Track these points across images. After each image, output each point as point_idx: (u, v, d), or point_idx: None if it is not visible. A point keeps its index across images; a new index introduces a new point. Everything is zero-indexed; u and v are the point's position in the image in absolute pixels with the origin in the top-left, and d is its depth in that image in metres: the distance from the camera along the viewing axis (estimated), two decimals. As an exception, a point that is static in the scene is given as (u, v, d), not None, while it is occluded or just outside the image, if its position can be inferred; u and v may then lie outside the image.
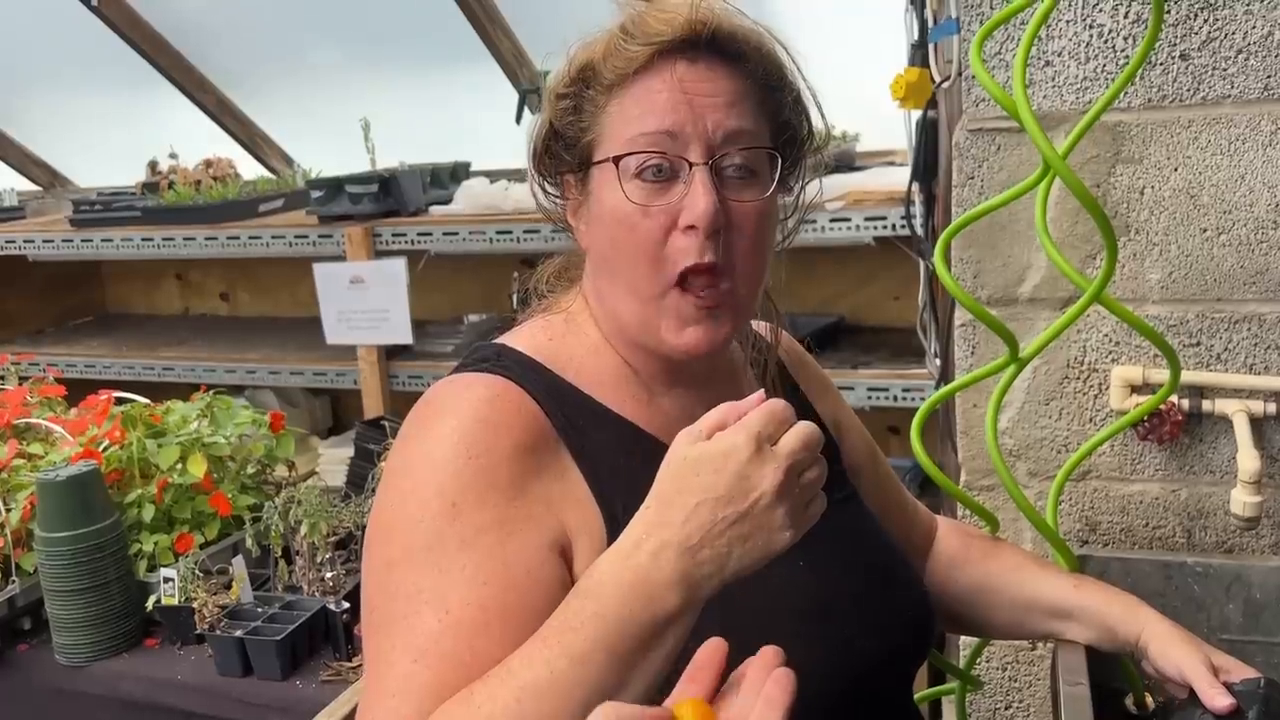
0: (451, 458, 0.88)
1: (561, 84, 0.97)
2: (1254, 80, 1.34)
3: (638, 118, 0.93)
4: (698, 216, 0.91)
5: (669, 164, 0.92)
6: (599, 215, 0.96)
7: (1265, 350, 1.40)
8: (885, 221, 2.43)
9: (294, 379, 3.18)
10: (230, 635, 1.64)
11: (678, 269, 0.92)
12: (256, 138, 3.70)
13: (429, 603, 0.83)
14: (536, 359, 0.98)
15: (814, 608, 0.98)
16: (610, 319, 1.00)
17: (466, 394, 0.93)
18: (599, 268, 0.99)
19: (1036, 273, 1.47)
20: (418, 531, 0.86)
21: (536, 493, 0.90)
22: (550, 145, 0.99)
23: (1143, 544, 1.51)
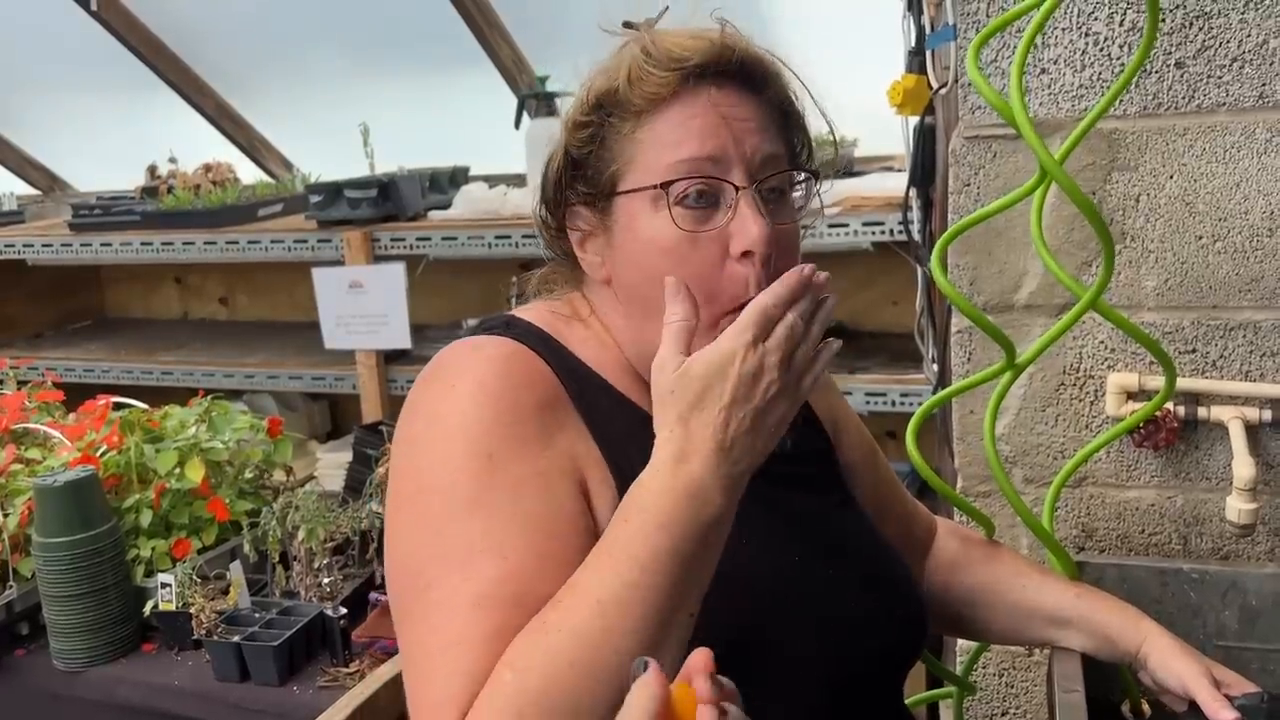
0: (479, 414, 0.89)
1: (580, 112, 0.96)
2: (1249, 88, 1.35)
3: (675, 144, 0.92)
4: (754, 241, 0.90)
5: (712, 189, 0.92)
6: (630, 246, 0.94)
7: (1261, 357, 1.40)
8: (883, 227, 2.44)
9: (293, 383, 3.19)
10: (228, 641, 1.64)
11: (737, 301, 0.91)
12: (256, 142, 3.71)
13: (484, 551, 0.84)
14: (545, 330, 0.99)
15: (809, 606, 0.99)
16: (638, 344, 0.98)
17: (479, 352, 0.94)
18: (631, 299, 0.97)
19: (1032, 279, 1.47)
20: (458, 488, 0.86)
21: (561, 447, 0.91)
22: (567, 176, 0.97)
23: (1139, 550, 1.52)
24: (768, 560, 0.98)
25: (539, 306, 1.04)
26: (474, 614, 0.82)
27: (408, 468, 0.92)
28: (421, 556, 0.86)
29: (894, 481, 1.25)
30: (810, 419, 1.15)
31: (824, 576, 1.01)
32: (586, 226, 0.98)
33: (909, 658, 1.10)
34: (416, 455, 0.91)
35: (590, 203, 0.97)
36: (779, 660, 0.94)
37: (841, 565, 1.04)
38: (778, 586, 0.97)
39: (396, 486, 0.92)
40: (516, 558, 0.83)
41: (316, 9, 3.21)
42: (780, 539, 1.01)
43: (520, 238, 2.78)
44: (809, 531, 1.04)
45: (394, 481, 0.93)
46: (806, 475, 1.09)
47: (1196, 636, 1.40)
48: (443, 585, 0.84)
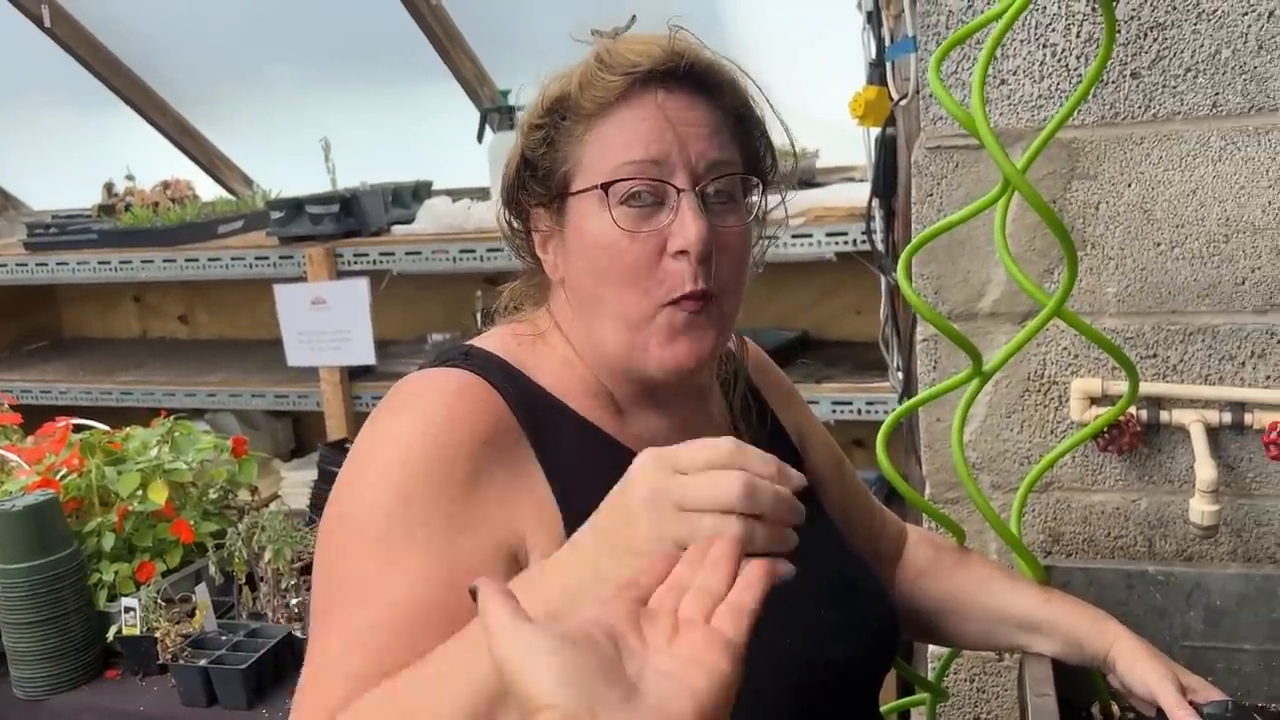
0: (410, 450, 0.89)
1: (535, 115, 0.98)
2: (1202, 97, 1.37)
3: (622, 146, 0.94)
4: (689, 242, 0.92)
5: (655, 191, 0.93)
6: (578, 245, 0.96)
7: (1220, 361, 1.43)
8: (846, 237, 2.46)
9: (255, 401, 3.15)
10: (194, 665, 1.62)
11: (671, 295, 0.94)
12: (215, 159, 3.67)
13: (370, 594, 0.84)
14: (504, 358, 0.99)
15: (782, 619, 0.99)
16: (591, 347, 1.00)
17: (431, 386, 0.94)
18: (580, 298, 0.99)
19: (996, 287, 1.49)
20: (369, 521, 0.87)
21: (493, 488, 0.90)
22: (523, 178, 1.00)
23: (1105, 553, 1.53)
24: None
25: (501, 331, 1.04)
26: (343, 654, 0.82)
27: (342, 487, 0.93)
28: (327, 581, 0.88)
29: (862, 490, 1.26)
30: (778, 432, 1.15)
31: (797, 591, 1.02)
32: (545, 228, 1.00)
33: (882, 667, 1.10)
34: (348, 486, 0.92)
35: (546, 204, 0.99)
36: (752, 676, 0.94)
37: (815, 579, 1.04)
38: None
39: (331, 499, 0.94)
40: (401, 607, 0.83)
41: (275, 25, 3.18)
42: None
43: (485, 251, 2.77)
44: None
45: (333, 493, 0.94)
46: None
47: (1163, 638, 1.42)
48: (331, 616, 0.86)
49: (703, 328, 0.96)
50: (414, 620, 0.82)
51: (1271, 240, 1.38)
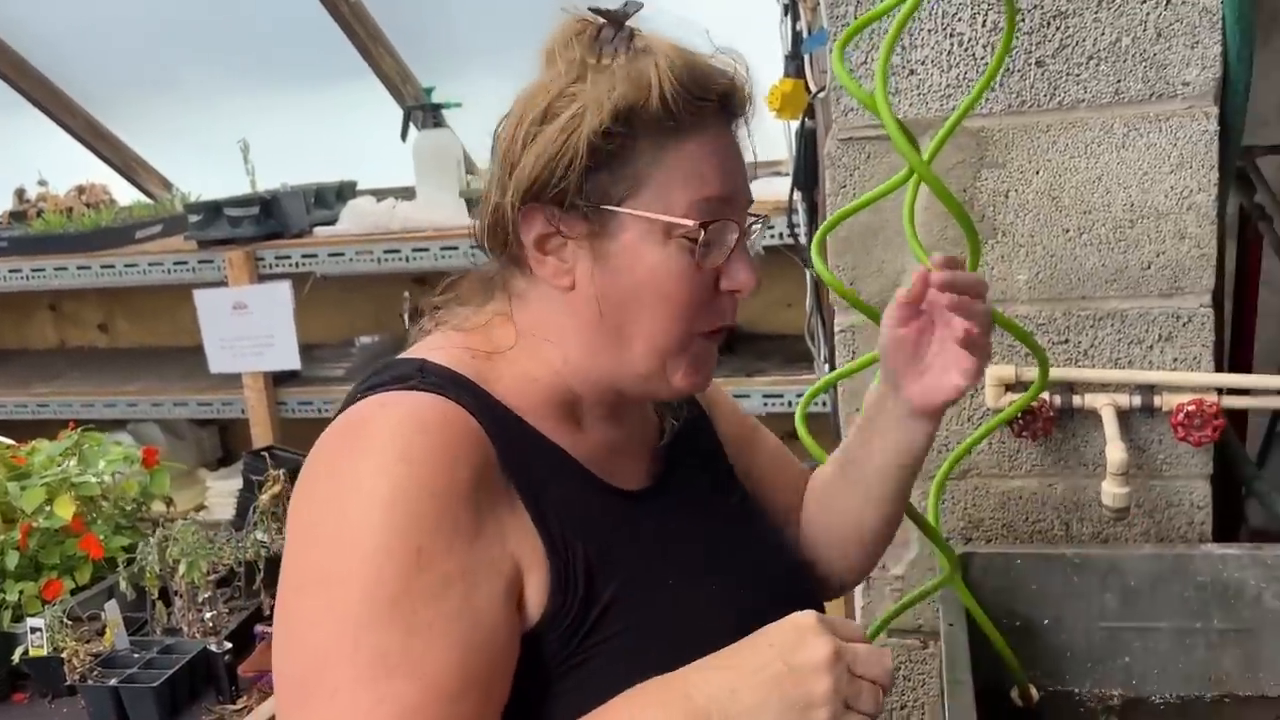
0: (411, 496, 0.79)
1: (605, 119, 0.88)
2: (1105, 85, 1.39)
3: (699, 178, 0.90)
4: (745, 286, 0.93)
5: (722, 228, 0.91)
6: (627, 265, 0.90)
7: (1129, 345, 1.45)
8: (772, 231, 2.46)
9: (177, 410, 3.08)
10: (103, 685, 1.56)
11: (713, 326, 0.94)
12: (132, 162, 3.57)
13: (401, 667, 0.76)
14: (464, 375, 0.91)
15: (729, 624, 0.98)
16: (594, 364, 0.94)
17: (409, 418, 0.84)
18: (610, 315, 0.92)
19: (910, 277, 1.49)
20: (382, 583, 0.77)
21: (493, 528, 0.84)
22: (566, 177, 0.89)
23: (1024, 538, 1.55)
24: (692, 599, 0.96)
25: (451, 343, 0.95)
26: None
27: (315, 548, 0.81)
28: (330, 655, 0.77)
29: (780, 449, 1.24)
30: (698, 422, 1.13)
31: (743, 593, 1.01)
32: (558, 228, 0.91)
33: None
34: (331, 534, 0.80)
35: (576, 209, 0.90)
36: None
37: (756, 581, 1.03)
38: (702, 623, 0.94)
39: (297, 566, 0.82)
40: (434, 678, 0.76)
41: (188, 25, 3.11)
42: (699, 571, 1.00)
43: (410, 251, 2.73)
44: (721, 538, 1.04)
45: (299, 557, 0.83)
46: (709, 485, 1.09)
47: (1080, 619, 1.44)
48: (351, 697, 0.76)
49: (715, 353, 0.98)
50: (451, 692, 0.77)
51: (1175, 224, 1.40)
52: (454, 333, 0.98)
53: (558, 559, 0.86)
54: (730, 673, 0.78)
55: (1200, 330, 1.42)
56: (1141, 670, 1.43)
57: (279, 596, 0.84)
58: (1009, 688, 1.39)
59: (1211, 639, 1.41)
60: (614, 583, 0.88)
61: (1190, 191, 1.38)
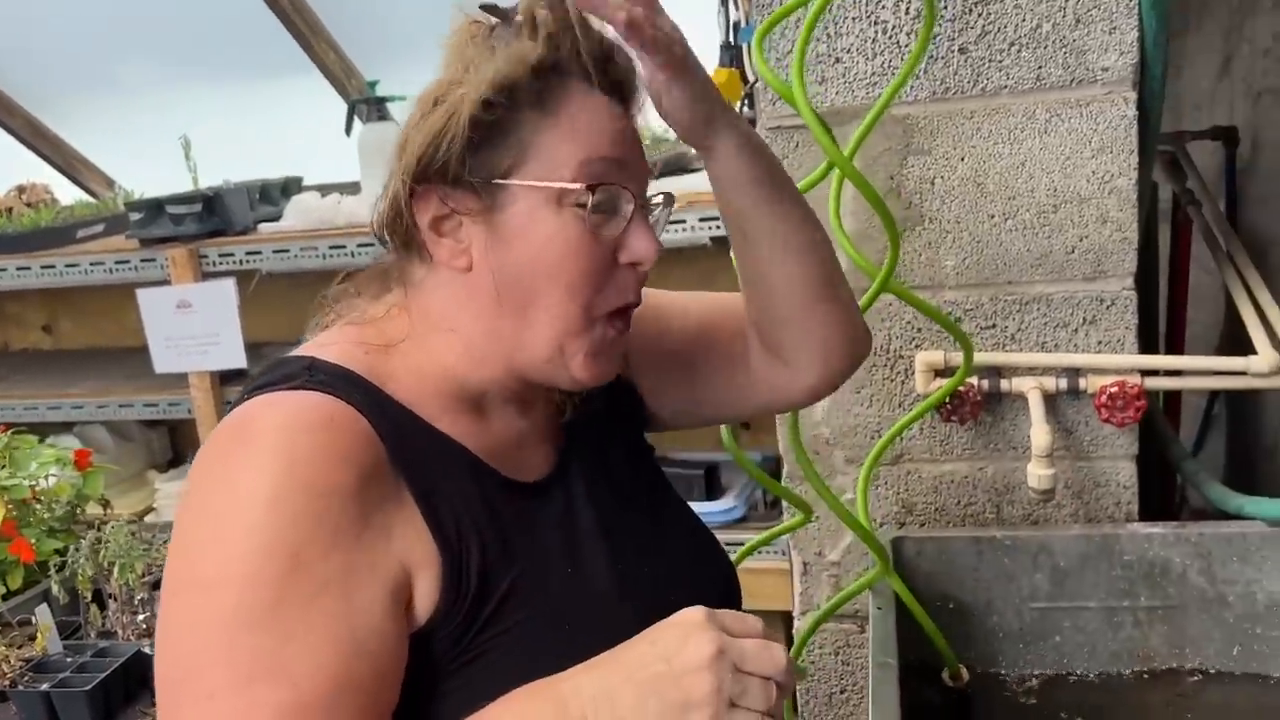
0: (289, 497, 0.78)
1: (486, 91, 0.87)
2: (1027, 71, 1.40)
3: (586, 140, 0.88)
4: (644, 256, 0.90)
5: (613, 196, 0.89)
6: (520, 237, 0.88)
7: (1054, 329, 1.46)
8: (718, 221, 2.47)
9: (124, 412, 3.02)
10: (35, 690, 1.54)
11: (616, 304, 0.90)
12: (74, 161, 3.52)
13: (274, 673, 0.74)
14: (355, 371, 0.89)
15: (638, 603, 0.98)
16: (492, 343, 0.92)
17: (293, 418, 0.82)
18: (507, 291, 0.90)
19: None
20: (257, 587, 0.76)
21: (378, 529, 0.82)
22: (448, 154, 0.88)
23: (956, 521, 1.56)
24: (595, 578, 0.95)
25: (344, 338, 0.94)
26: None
27: (195, 550, 0.79)
28: (204, 659, 0.76)
29: (703, 300, 1.23)
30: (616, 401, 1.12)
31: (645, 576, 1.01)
32: (451, 207, 0.90)
33: None
34: (206, 538, 0.79)
35: (467, 186, 0.89)
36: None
37: (666, 548, 1.04)
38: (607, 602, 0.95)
39: (178, 568, 0.80)
40: (308, 686, 0.75)
41: (126, 22, 3.06)
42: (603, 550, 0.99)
43: (356, 246, 2.70)
44: (631, 520, 1.03)
45: (177, 561, 0.80)
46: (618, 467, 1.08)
47: (1012, 600, 1.46)
48: (224, 704, 0.74)
49: (621, 344, 0.95)
50: (325, 698, 0.75)
51: (1097, 209, 1.41)
52: (349, 327, 0.96)
53: (450, 556, 0.84)
54: (610, 675, 0.77)
55: (1123, 313, 1.44)
56: (1071, 649, 1.45)
57: (160, 601, 0.82)
58: (940, 669, 1.41)
59: (1139, 616, 1.43)
60: (509, 576, 0.87)
61: (1111, 176, 1.40)
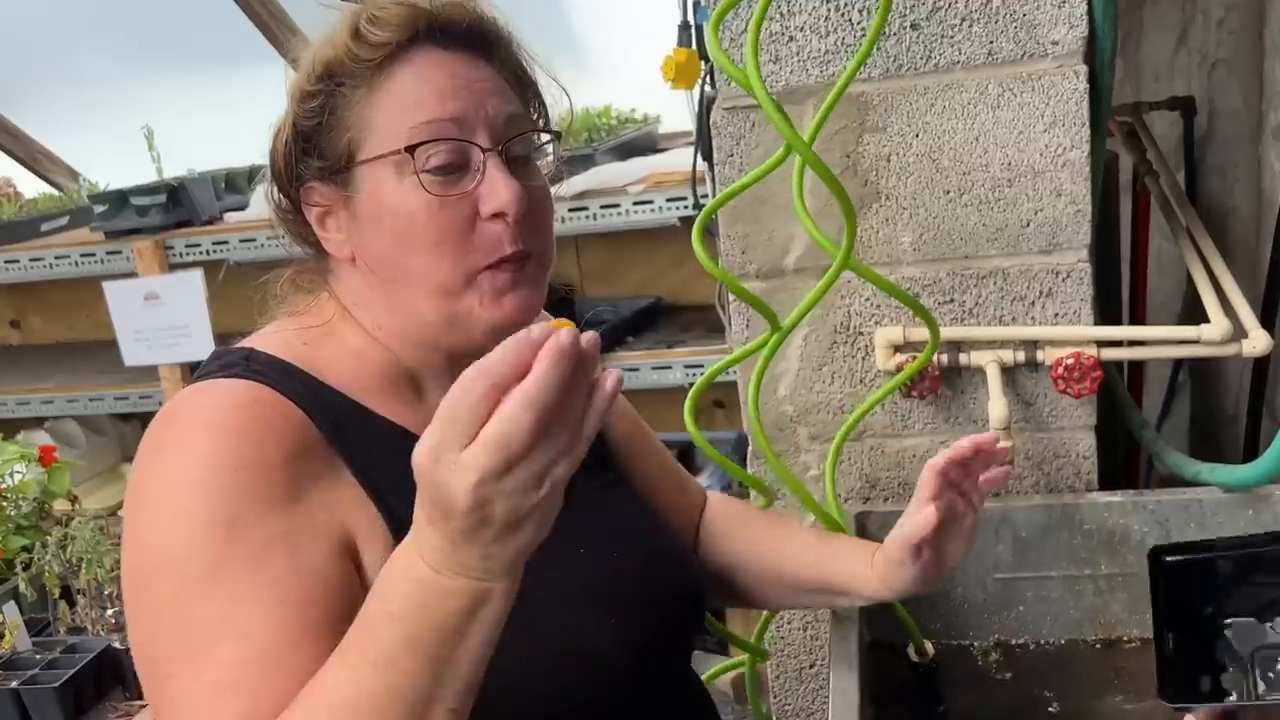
0: (215, 473, 0.81)
1: (308, 83, 0.93)
2: (978, 46, 1.41)
3: (415, 105, 0.89)
4: (506, 203, 0.89)
5: (458, 152, 0.90)
6: (375, 215, 0.91)
7: (1011, 302, 1.47)
8: (686, 201, 2.48)
9: (94, 406, 3.03)
10: (4, 688, 1.54)
11: (490, 259, 0.90)
12: (37, 153, 3.49)
13: (225, 633, 0.77)
14: (291, 361, 0.93)
15: (599, 592, 0.99)
16: (399, 323, 0.95)
17: (220, 401, 0.86)
18: (381, 272, 0.93)
19: (800, 244, 1.50)
20: (193, 561, 0.79)
21: (315, 499, 0.85)
22: (296, 151, 0.94)
23: (920, 496, 1.57)
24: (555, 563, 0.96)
25: (282, 330, 0.97)
26: (214, 704, 0.75)
27: (139, 539, 0.83)
28: (159, 642, 0.79)
29: (663, 452, 1.26)
30: None
31: (607, 565, 1.02)
32: (325, 202, 0.94)
33: (694, 628, 1.11)
34: (147, 526, 0.83)
35: (326, 177, 0.93)
36: (572, 657, 0.94)
37: (622, 550, 1.04)
38: (567, 588, 0.96)
39: (129, 560, 0.84)
40: (260, 638, 0.77)
41: (88, 10, 3.03)
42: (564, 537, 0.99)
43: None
44: (590, 522, 1.04)
45: (126, 554, 0.84)
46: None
47: (975, 572, 1.47)
48: (182, 675, 0.77)
49: (527, 284, 0.93)
50: (282, 646, 0.77)
51: (1051, 182, 1.42)
52: (288, 319, 0.99)
53: (399, 530, 0.85)
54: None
55: (1079, 285, 1.45)
56: (1035, 618, 1.47)
57: (124, 604, 0.86)
58: (905, 645, 1.42)
59: (1100, 584, 1.45)
60: None
61: (1064, 149, 1.41)
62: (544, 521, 0.70)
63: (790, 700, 1.68)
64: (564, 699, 0.93)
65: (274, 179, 0.98)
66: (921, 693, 1.42)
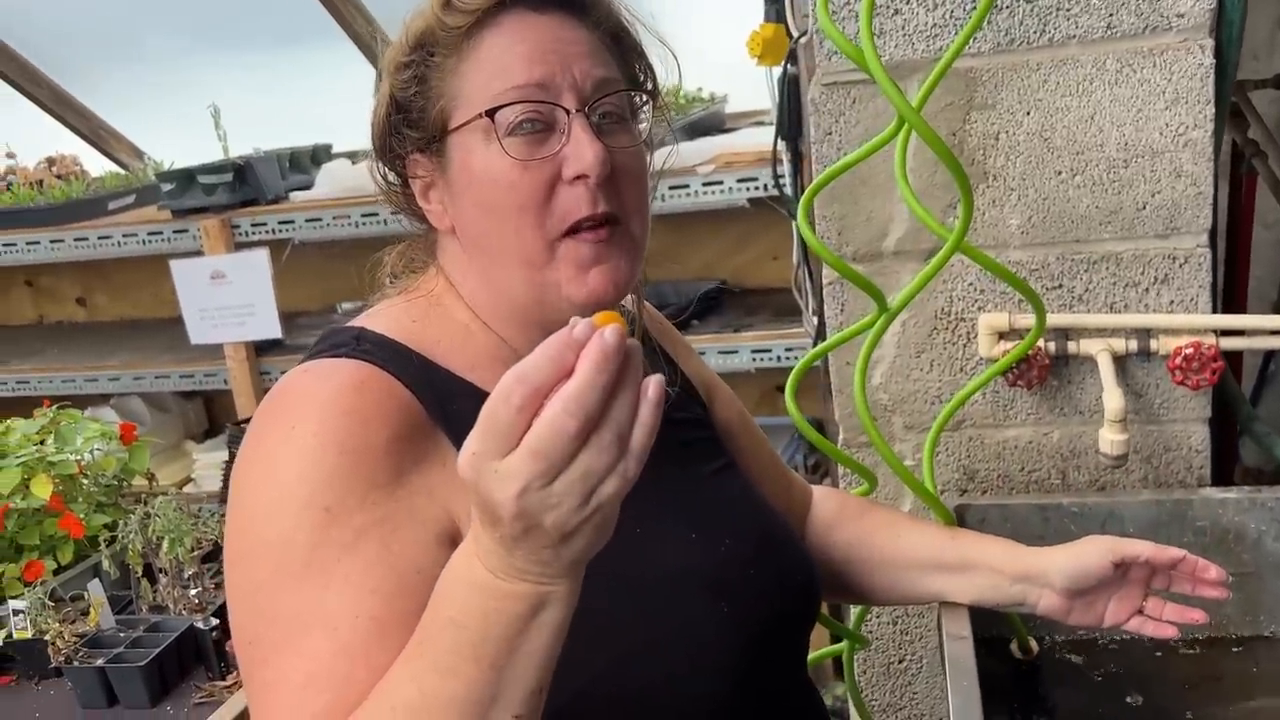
0: (320, 457, 0.80)
1: (401, 54, 0.91)
2: (1097, 19, 1.34)
3: (500, 72, 0.87)
4: (587, 165, 0.86)
5: (543, 115, 0.87)
6: (466, 184, 0.89)
7: (1124, 288, 1.41)
8: (757, 182, 2.43)
9: (160, 383, 3.03)
10: (90, 665, 1.54)
11: (568, 221, 0.87)
12: (102, 131, 3.50)
13: (315, 623, 0.77)
14: (400, 341, 0.91)
15: (709, 577, 0.96)
16: (494, 297, 0.93)
17: (326, 384, 0.85)
18: (474, 242, 0.91)
19: (900, 225, 1.45)
20: (293, 546, 0.79)
21: (417, 484, 0.83)
22: (395, 124, 0.92)
23: (1019, 488, 1.53)
24: (660, 540, 0.94)
25: (392, 308, 0.96)
26: (303, 694, 0.75)
27: (241, 521, 0.83)
28: (255, 626, 0.80)
29: (768, 446, 1.22)
30: (685, 384, 1.11)
31: (719, 551, 0.98)
32: (425, 174, 0.93)
33: (807, 621, 1.07)
34: (250, 508, 0.83)
35: (424, 148, 0.92)
36: (680, 644, 0.91)
37: (734, 535, 1.01)
38: (675, 566, 0.93)
39: (231, 541, 0.84)
40: (348, 630, 0.77)
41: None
42: (672, 515, 0.97)
43: (389, 214, 2.67)
44: (700, 505, 1.01)
45: (228, 535, 0.84)
46: (689, 441, 1.06)
47: (1079, 569, 1.42)
48: (275, 663, 0.77)
49: (614, 256, 0.90)
50: (369, 639, 0.76)
51: (1170, 163, 1.36)
52: (398, 297, 0.98)
53: None
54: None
55: (1198, 271, 1.39)
56: (1142, 617, 1.41)
57: (225, 581, 0.86)
58: (1010, 639, 1.37)
59: (1212, 584, 1.39)
60: None
61: (1186, 128, 1.34)
62: (599, 535, 0.66)
63: (877, 695, 1.64)
64: (672, 690, 0.89)
65: (377, 153, 0.97)
66: (1023, 690, 1.37)
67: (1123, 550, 1.08)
